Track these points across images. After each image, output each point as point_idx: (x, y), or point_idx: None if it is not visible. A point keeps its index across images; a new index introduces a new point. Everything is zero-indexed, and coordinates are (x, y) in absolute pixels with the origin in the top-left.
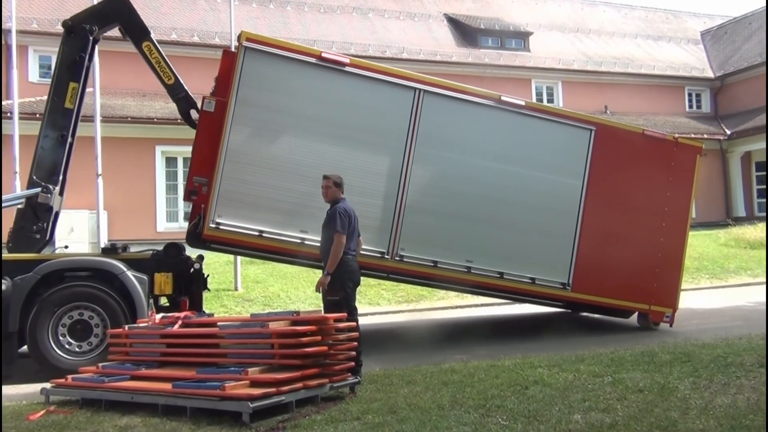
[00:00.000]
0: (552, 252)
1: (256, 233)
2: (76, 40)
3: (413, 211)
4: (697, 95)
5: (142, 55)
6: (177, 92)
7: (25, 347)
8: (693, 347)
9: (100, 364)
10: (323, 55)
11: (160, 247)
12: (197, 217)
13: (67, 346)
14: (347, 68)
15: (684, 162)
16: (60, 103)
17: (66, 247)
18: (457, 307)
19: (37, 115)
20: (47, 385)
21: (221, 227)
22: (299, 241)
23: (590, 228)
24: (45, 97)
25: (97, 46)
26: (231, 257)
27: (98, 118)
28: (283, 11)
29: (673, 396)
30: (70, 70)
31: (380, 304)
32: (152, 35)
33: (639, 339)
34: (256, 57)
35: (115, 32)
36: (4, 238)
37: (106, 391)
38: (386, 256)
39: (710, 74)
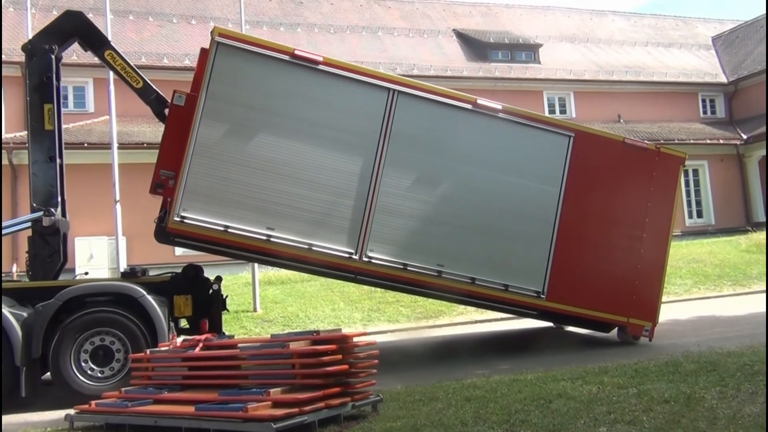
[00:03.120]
0: (526, 259)
1: (222, 228)
2: (40, 62)
3: (383, 213)
4: (711, 101)
5: (106, 64)
6: (147, 95)
7: (48, 374)
8: (718, 356)
9: (123, 389)
10: (296, 52)
11: (179, 270)
12: (163, 211)
13: (89, 372)
14: (320, 66)
15: (666, 172)
16: (39, 127)
17: (86, 273)
18: (476, 321)
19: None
20: (71, 411)
21: (186, 221)
22: (265, 238)
23: (567, 236)
24: (63, 126)
25: (61, 64)
26: (250, 278)
27: (115, 145)
28: (293, 33)
29: (699, 406)
30: (40, 92)
31: (399, 320)
32: (111, 43)
33: (662, 350)
34: (228, 53)
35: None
36: (22, 268)
37: (129, 416)
38: (354, 257)
39: (723, 79)
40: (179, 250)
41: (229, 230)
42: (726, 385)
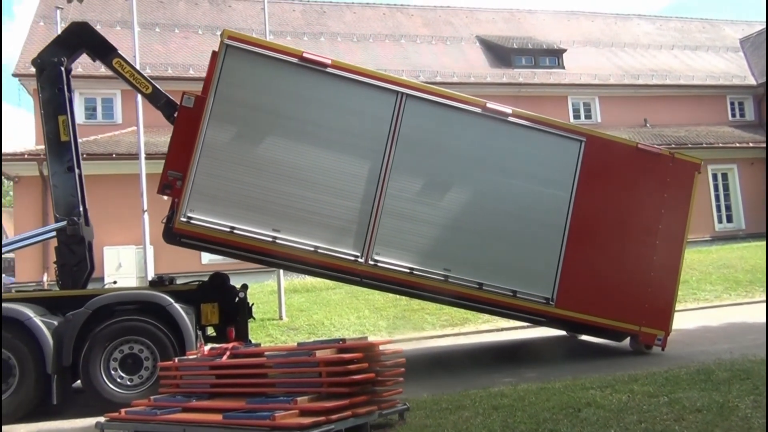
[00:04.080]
0: (535, 265)
1: (228, 229)
2: (50, 75)
3: (390, 216)
4: (740, 103)
5: (115, 72)
6: (158, 100)
7: (79, 382)
8: (752, 363)
9: (152, 397)
10: (305, 55)
11: (206, 279)
12: (171, 212)
13: (119, 380)
14: (329, 69)
15: (681, 178)
16: (56, 140)
17: (115, 282)
18: (502, 329)
19: (84, 155)
20: (101, 419)
21: (192, 221)
22: (271, 239)
23: (577, 242)
24: (91, 138)
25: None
26: (275, 286)
27: (143, 156)
28: (316, 42)
29: (733, 415)
30: (53, 104)
31: (425, 328)
32: (118, 51)
33: (693, 357)
34: (237, 55)
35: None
36: (52, 277)
37: (158, 424)
38: (360, 260)
39: (752, 81)
40: (205, 259)
41: (235, 231)
42: (760, 393)
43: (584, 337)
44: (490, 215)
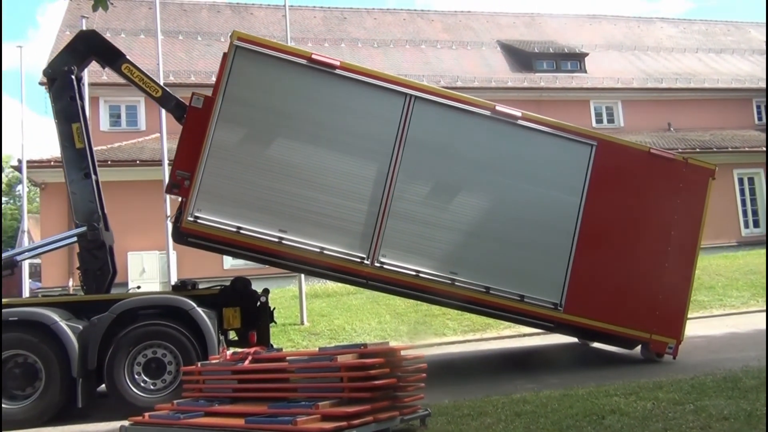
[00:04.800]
0: (544, 270)
1: (234, 229)
2: (61, 84)
3: (397, 218)
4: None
5: (124, 77)
6: (168, 102)
7: (103, 386)
8: None
9: (175, 401)
10: (314, 56)
11: (228, 283)
12: (179, 212)
13: (142, 384)
14: (338, 71)
15: (695, 184)
16: (71, 147)
17: (138, 287)
18: (524, 335)
19: (109, 162)
20: (126, 423)
21: (199, 221)
22: (277, 240)
23: (587, 247)
24: (115, 145)
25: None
26: (296, 291)
27: (166, 162)
28: (337, 48)
29: (761, 424)
30: (66, 113)
31: (446, 334)
32: (126, 56)
33: (719, 364)
34: (246, 56)
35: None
36: (77, 282)
37: (181, 428)
38: (366, 262)
39: None
40: (227, 264)
41: (242, 231)
42: None
43: (601, 345)
44: (498, 218)
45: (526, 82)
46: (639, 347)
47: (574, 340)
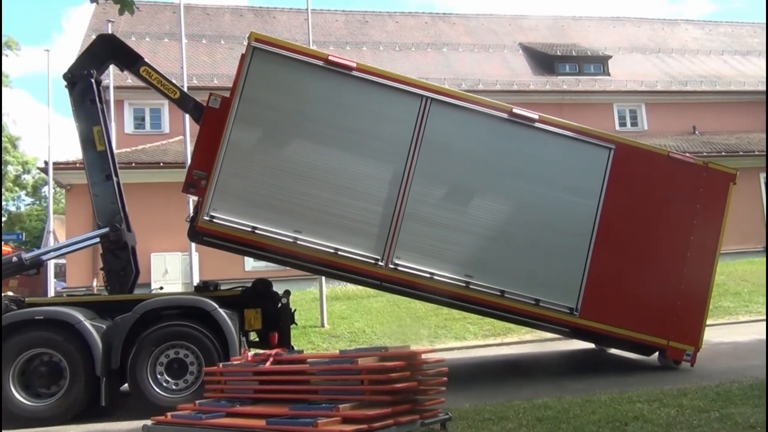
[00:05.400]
0: (560, 274)
1: (249, 229)
2: (82, 88)
3: (412, 220)
4: None
5: (143, 79)
6: (186, 104)
7: (126, 385)
8: None
9: (197, 402)
10: (330, 58)
11: (249, 285)
12: (195, 211)
13: (164, 384)
14: (354, 72)
15: (715, 189)
16: (92, 150)
17: (161, 287)
18: (545, 340)
19: (133, 164)
20: (148, 422)
21: (215, 220)
22: (292, 240)
23: (604, 252)
24: (139, 147)
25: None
26: (317, 293)
27: (189, 164)
28: (359, 51)
29: None
30: (87, 116)
31: (466, 338)
32: (144, 59)
33: (746, 371)
34: (263, 57)
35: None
36: (101, 282)
37: (203, 428)
38: (380, 263)
39: None
40: (249, 265)
41: (257, 231)
42: None
43: (620, 351)
44: (514, 222)
45: (549, 85)
46: (656, 354)
47: (593, 345)
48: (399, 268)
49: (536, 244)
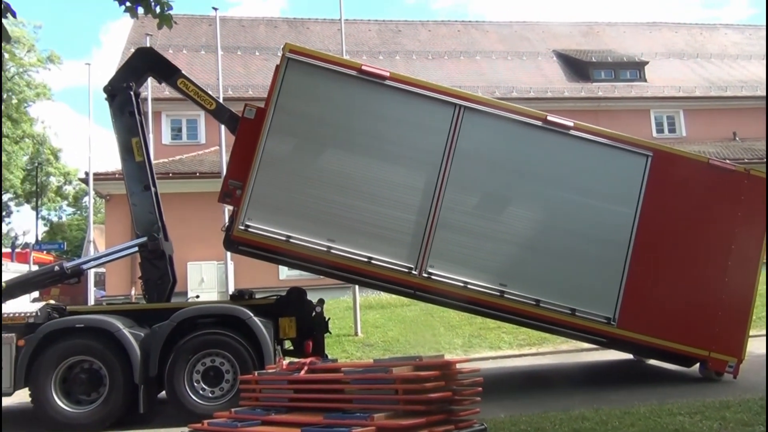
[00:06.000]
0: (597, 283)
1: (284, 238)
2: (121, 101)
3: (446, 229)
4: None
5: (180, 91)
6: (222, 115)
7: (163, 392)
8: None
9: (233, 409)
10: (363, 67)
11: (283, 293)
12: (230, 221)
13: (201, 392)
14: (387, 81)
15: (757, 196)
16: (131, 161)
17: (197, 296)
18: (582, 350)
19: (170, 174)
20: (185, 429)
21: (250, 230)
22: (325, 249)
23: (642, 261)
24: (176, 157)
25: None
26: (351, 302)
27: (225, 174)
28: (392, 60)
29: None
30: (126, 128)
31: (501, 347)
32: (182, 71)
33: None
34: (298, 68)
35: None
36: (139, 291)
37: None
38: (413, 272)
39: None
40: (283, 274)
41: (291, 240)
42: None
43: (659, 362)
44: (549, 230)
45: (584, 92)
46: (697, 365)
47: (631, 356)
48: (432, 276)
49: (572, 252)
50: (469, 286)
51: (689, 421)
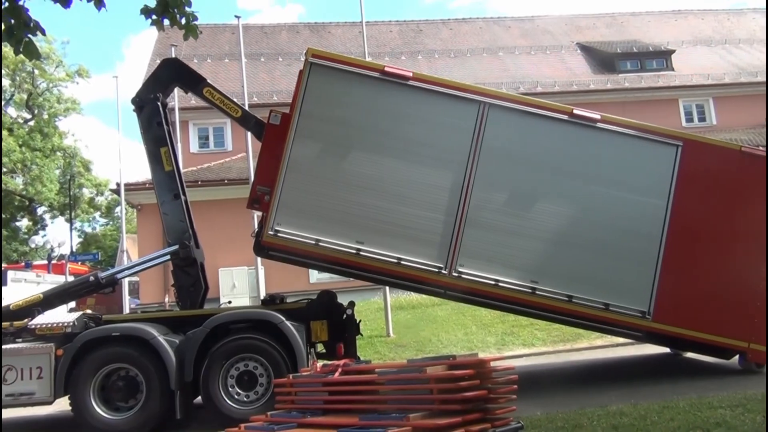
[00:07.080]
0: (630, 277)
1: (313, 242)
2: (149, 111)
3: (474, 227)
4: None
5: (206, 100)
6: (248, 122)
7: (199, 398)
8: None
9: (269, 413)
10: (386, 69)
11: (314, 297)
12: (259, 226)
13: (236, 396)
14: (410, 82)
15: None
16: (161, 170)
17: (230, 301)
18: (617, 345)
19: (199, 182)
20: None
21: (279, 234)
22: (355, 251)
23: (675, 252)
24: (204, 165)
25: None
26: (381, 303)
27: (252, 181)
28: (414, 60)
29: None
30: (155, 138)
31: (535, 344)
32: (207, 80)
33: None
34: (321, 72)
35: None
36: (173, 298)
37: None
38: (443, 272)
39: None
40: (313, 278)
41: (320, 243)
42: None
43: (697, 355)
44: (579, 225)
45: (610, 84)
46: (737, 357)
47: (667, 349)
48: (463, 275)
49: (603, 246)
50: (500, 284)
51: (731, 414)
